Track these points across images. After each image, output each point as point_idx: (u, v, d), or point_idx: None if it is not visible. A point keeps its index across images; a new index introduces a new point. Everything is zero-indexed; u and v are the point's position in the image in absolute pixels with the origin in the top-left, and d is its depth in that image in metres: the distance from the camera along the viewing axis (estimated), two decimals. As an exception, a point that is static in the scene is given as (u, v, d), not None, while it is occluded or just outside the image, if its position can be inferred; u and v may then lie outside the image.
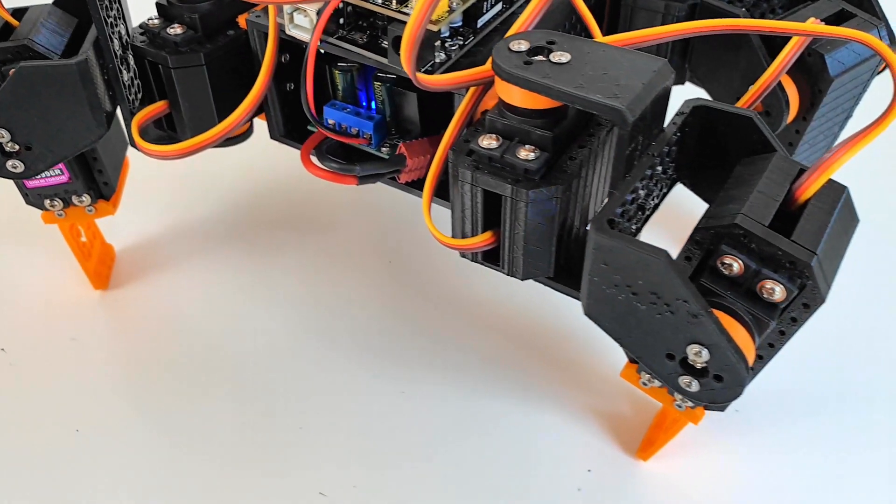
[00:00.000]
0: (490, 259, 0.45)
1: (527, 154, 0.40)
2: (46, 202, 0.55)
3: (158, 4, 0.50)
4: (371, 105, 0.49)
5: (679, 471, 0.51)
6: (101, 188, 0.56)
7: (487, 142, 0.41)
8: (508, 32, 0.42)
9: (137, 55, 0.50)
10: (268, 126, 0.54)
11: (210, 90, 0.51)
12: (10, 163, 0.49)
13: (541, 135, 0.40)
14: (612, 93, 0.37)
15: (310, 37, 0.44)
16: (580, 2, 0.46)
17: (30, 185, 0.54)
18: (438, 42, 0.45)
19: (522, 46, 0.40)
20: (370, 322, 0.59)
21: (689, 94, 0.47)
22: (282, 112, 0.52)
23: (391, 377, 0.56)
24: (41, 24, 0.50)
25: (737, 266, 0.38)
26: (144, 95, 0.52)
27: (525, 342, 0.58)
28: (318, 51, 0.47)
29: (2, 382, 0.56)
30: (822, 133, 0.52)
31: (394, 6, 0.43)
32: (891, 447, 0.52)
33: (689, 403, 0.46)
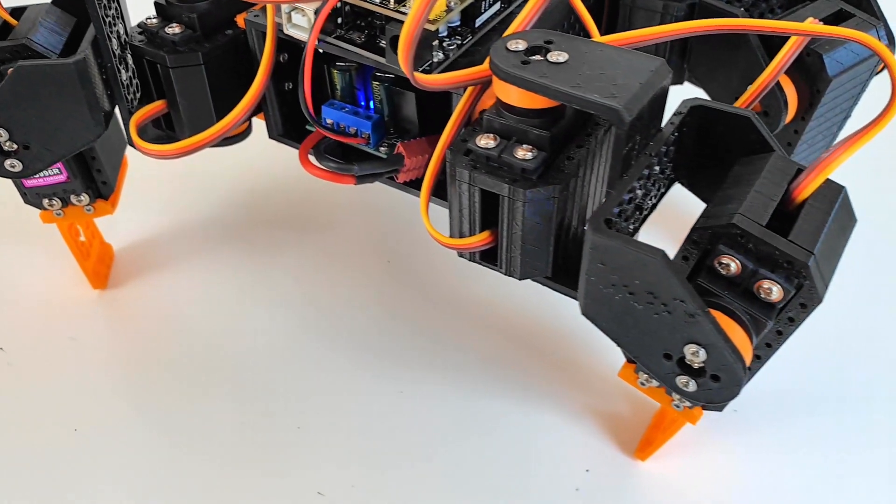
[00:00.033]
0: (488, 259, 0.45)
1: (524, 154, 0.40)
2: (45, 201, 0.55)
3: (157, 4, 0.50)
4: (369, 104, 0.49)
5: (677, 471, 0.51)
6: (100, 187, 0.56)
7: (485, 141, 0.41)
8: (506, 32, 0.42)
9: (136, 54, 0.50)
10: (266, 125, 0.54)
11: (208, 89, 0.51)
12: (9, 162, 0.49)
13: (538, 134, 0.40)
14: (610, 92, 0.37)
15: (308, 36, 0.44)
16: (578, 1, 0.46)
17: (28, 185, 0.54)
18: (436, 41, 0.45)
19: (520, 46, 0.40)
20: (369, 322, 0.59)
21: (688, 94, 0.47)
22: (280, 111, 0.52)
23: (390, 377, 0.56)
24: (40, 24, 0.50)
25: (734, 266, 0.38)
26: (143, 95, 0.52)
27: (524, 342, 0.58)
28: (317, 50, 0.47)
29: (0, 382, 0.56)
30: (821, 133, 0.52)
31: (391, 6, 0.43)
32: (890, 447, 0.52)
33: (687, 403, 0.46)
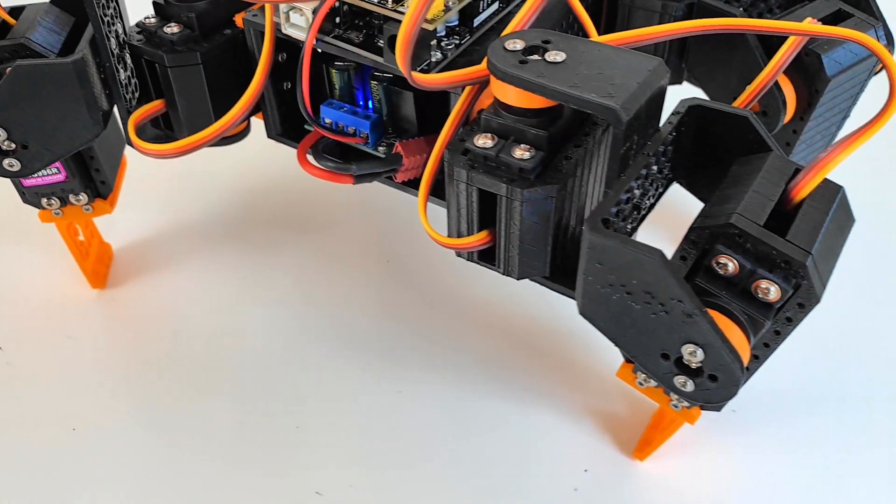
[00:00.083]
0: (486, 258, 0.45)
1: (522, 153, 0.40)
2: (43, 201, 0.55)
3: (155, 3, 0.51)
4: (368, 104, 0.49)
5: (676, 471, 0.51)
6: (99, 187, 0.56)
7: (483, 141, 0.41)
8: (504, 31, 0.42)
9: (134, 54, 0.50)
10: (265, 125, 0.54)
11: (206, 89, 0.51)
12: (7, 161, 0.49)
13: (536, 134, 0.40)
14: (607, 92, 0.37)
15: (306, 36, 0.44)
16: (576, 1, 0.46)
17: (27, 184, 0.54)
18: (434, 41, 0.45)
19: (518, 45, 0.40)
20: (368, 321, 0.59)
21: (687, 94, 0.47)
22: (279, 111, 0.52)
23: (388, 377, 0.56)
24: (38, 23, 0.50)
25: (732, 266, 0.38)
26: (141, 94, 0.52)
27: (522, 342, 0.58)
28: (316, 50, 0.47)
29: (-1, 381, 0.56)
30: (820, 133, 0.52)
31: (389, 5, 0.43)
32: (890, 447, 0.52)
33: (685, 403, 0.46)
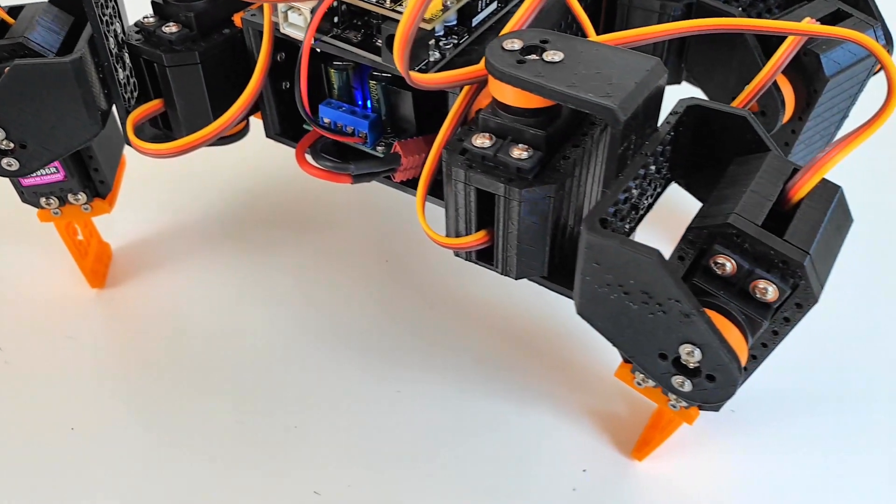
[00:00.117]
0: (484, 258, 0.45)
1: (520, 153, 0.40)
2: (42, 200, 0.55)
3: (154, 3, 0.51)
4: (367, 104, 0.49)
5: (674, 471, 0.51)
6: (97, 186, 0.56)
7: (481, 141, 0.41)
8: (502, 31, 0.42)
9: (133, 53, 0.50)
10: (263, 125, 0.54)
11: (205, 88, 0.51)
12: (5, 161, 0.49)
13: (534, 134, 0.40)
14: (605, 91, 0.37)
15: (304, 35, 0.44)
16: (574, 1, 0.46)
17: (25, 184, 0.54)
18: (433, 41, 0.45)
19: (516, 45, 0.40)
20: (366, 321, 0.59)
21: (686, 94, 0.47)
22: (277, 110, 0.52)
23: (386, 376, 0.56)
24: (37, 22, 0.50)
25: (730, 266, 0.38)
26: (140, 94, 0.52)
27: (521, 342, 0.58)
28: (314, 49, 0.47)
29: (-3, 380, 0.56)
30: (819, 133, 0.52)
31: (387, 5, 0.43)
32: (890, 447, 0.52)
33: (684, 403, 0.46)
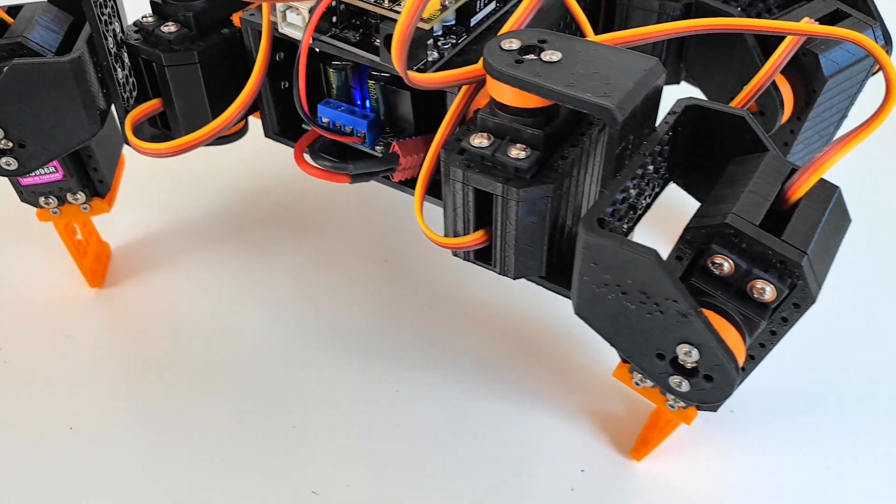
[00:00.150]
0: (482, 258, 0.45)
1: (518, 153, 0.40)
2: (41, 200, 0.55)
3: (153, 2, 0.50)
4: (365, 104, 0.49)
5: (673, 471, 0.51)
6: (96, 186, 0.56)
7: (479, 140, 0.41)
8: (501, 31, 0.42)
9: (132, 53, 0.50)
10: (262, 124, 0.54)
11: (204, 88, 0.51)
12: (4, 160, 0.49)
13: (532, 133, 0.40)
14: (603, 91, 0.37)
15: (302, 35, 0.44)
16: (573, 1, 0.46)
17: (24, 183, 0.54)
18: (431, 40, 0.45)
19: (514, 45, 0.40)
20: (365, 320, 0.59)
21: (685, 94, 0.47)
22: (276, 110, 0.52)
23: (385, 376, 0.56)
24: (36, 22, 0.50)
25: (727, 266, 0.38)
26: (139, 93, 0.52)
27: (520, 342, 0.58)
28: (313, 49, 0.47)
29: (-4, 380, 0.56)
30: (818, 133, 0.52)
31: (385, 4, 0.43)
32: (890, 447, 0.52)
33: (682, 403, 0.46)
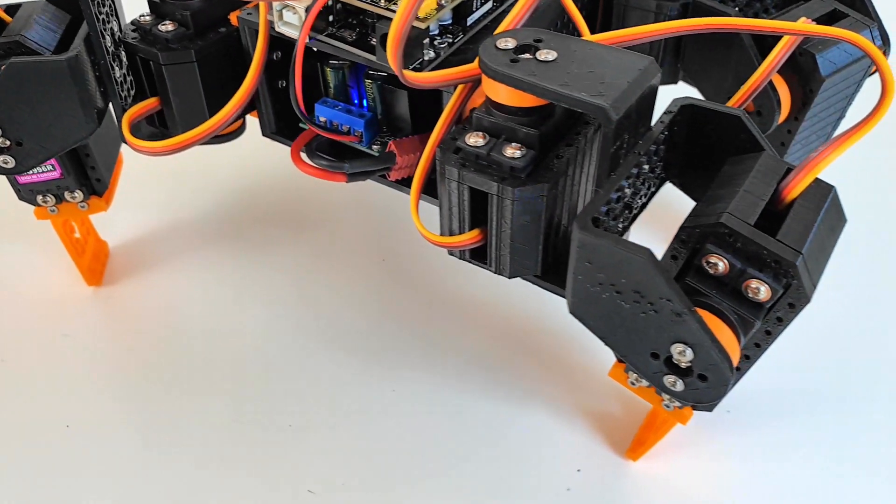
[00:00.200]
0: (477, 257, 0.45)
1: (513, 152, 0.40)
2: (39, 198, 0.55)
3: (150, 2, 0.50)
4: (362, 103, 0.49)
5: (669, 471, 0.51)
6: (94, 184, 0.56)
7: (474, 139, 0.41)
8: (497, 30, 0.42)
9: (129, 52, 0.50)
10: (259, 123, 0.54)
11: (201, 87, 0.51)
12: (1, 158, 0.49)
13: (527, 133, 0.40)
14: (597, 91, 0.37)
15: (299, 34, 0.44)
16: (569, 1, 0.46)
17: (22, 181, 0.54)
18: (427, 39, 0.45)
19: (509, 44, 0.40)
20: (362, 319, 0.59)
21: (683, 94, 0.47)
22: (273, 109, 0.52)
23: (381, 375, 0.56)
24: (34, 21, 0.50)
25: (722, 265, 0.38)
26: (137, 92, 0.52)
27: (517, 341, 0.58)
28: (311, 48, 0.47)
29: (-6, 378, 0.56)
30: (815, 133, 0.52)
31: (382, 3, 0.43)
32: (890, 447, 0.52)
33: (677, 403, 0.46)
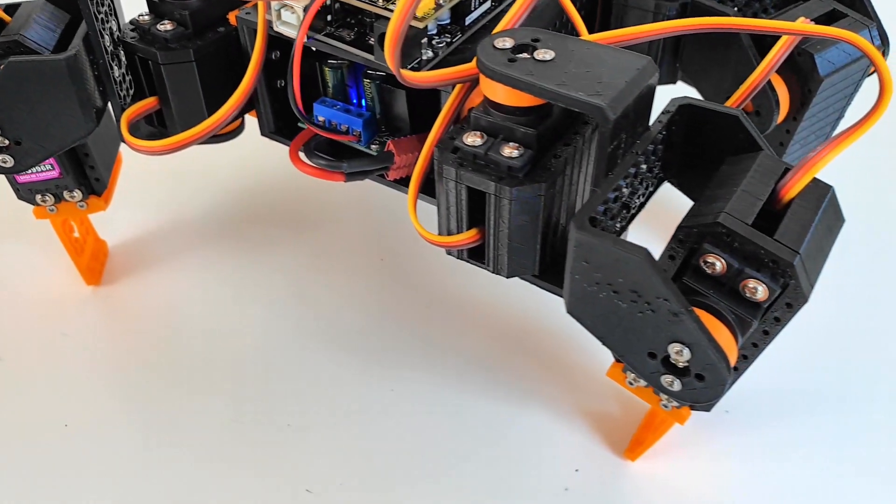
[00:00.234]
0: (475, 256, 0.45)
1: (511, 151, 0.40)
2: (38, 197, 0.55)
3: (149, 1, 0.50)
4: (361, 102, 0.49)
5: (667, 471, 0.51)
6: (93, 184, 0.56)
7: (472, 139, 0.41)
8: (495, 30, 0.42)
9: (128, 51, 0.50)
10: (258, 123, 0.54)
11: (200, 86, 0.51)
12: (0, 157, 0.49)
13: (525, 132, 0.40)
14: (595, 90, 0.37)
15: (297, 33, 0.44)
16: (567, 0, 0.46)
17: (21, 180, 0.54)
18: (425, 39, 0.45)
19: (507, 44, 0.40)
20: (361, 319, 0.59)
21: (682, 94, 0.47)
22: (272, 108, 0.52)
23: (380, 375, 0.56)
24: (33, 20, 0.50)
25: (719, 265, 0.38)
26: (135, 91, 0.52)
27: (515, 341, 0.58)
28: (310, 48, 0.47)
29: (-8, 377, 0.56)
30: (814, 133, 0.52)
31: (380, 3, 0.43)
32: (890, 447, 0.52)
33: (675, 403, 0.46)
